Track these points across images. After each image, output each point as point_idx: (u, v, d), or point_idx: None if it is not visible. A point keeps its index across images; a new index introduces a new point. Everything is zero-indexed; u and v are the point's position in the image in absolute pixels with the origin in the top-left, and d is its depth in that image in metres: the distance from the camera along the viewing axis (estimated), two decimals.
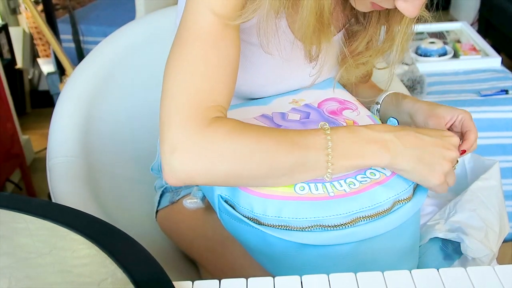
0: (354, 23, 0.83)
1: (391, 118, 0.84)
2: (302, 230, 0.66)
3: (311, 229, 0.66)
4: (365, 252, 0.66)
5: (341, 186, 0.67)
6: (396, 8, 0.68)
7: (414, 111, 0.82)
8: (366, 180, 0.68)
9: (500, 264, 0.63)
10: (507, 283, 0.55)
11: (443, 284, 0.54)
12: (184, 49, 0.65)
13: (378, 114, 0.89)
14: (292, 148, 0.63)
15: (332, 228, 0.65)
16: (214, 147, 0.61)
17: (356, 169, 0.66)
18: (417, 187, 0.71)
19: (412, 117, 0.82)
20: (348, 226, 0.65)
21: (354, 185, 0.67)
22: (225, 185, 0.68)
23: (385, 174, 0.69)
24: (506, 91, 1.59)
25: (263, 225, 0.67)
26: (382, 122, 0.86)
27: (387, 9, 0.73)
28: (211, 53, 0.64)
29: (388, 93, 0.88)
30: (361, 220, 0.66)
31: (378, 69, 0.89)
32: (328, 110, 0.80)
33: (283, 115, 0.78)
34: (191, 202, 0.80)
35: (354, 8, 0.76)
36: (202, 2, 0.65)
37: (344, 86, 0.92)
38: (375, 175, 0.69)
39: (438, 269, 0.56)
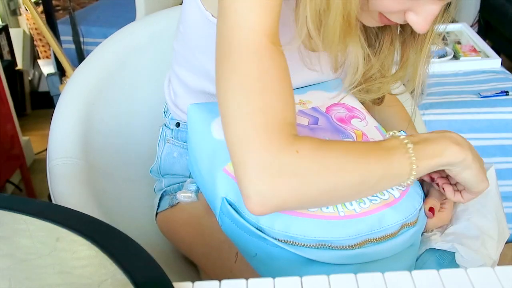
0: (366, 46, 0.82)
1: (402, 133, 0.83)
2: (309, 247, 0.66)
3: (318, 247, 0.65)
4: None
5: (352, 205, 0.66)
6: (410, 31, 0.68)
7: None
8: (376, 200, 0.68)
9: (500, 265, 0.63)
10: (507, 284, 0.55)
11: (443, 285, 0.54)
12: (238, 67, 0.60)
13: None
14: (379, 155, 0.62)
15: (340, 249, 0.65)
16: (306, 165, 0.58)
17: (437, 168, 0.66)
18: (420, 211, 0.71)
19: None
20: (356, 247, 0.65)
21: (365, 204, 0.66)
22: (317, 206, 0.65)
23: (394, 196, 0.69)
24: (506, 92, 1.59)
25: (269, 237, 0.67)
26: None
27: (400, 31, 0.72)
28: (270, 67, 0.60)
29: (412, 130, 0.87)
30: (369, 243, 0.66)
31: (395, 94, 0.88)
32: (336, 117, 0.79)
33: None
34: (185, 196, 0.79)
35: (367, 30, 0.76)
36: (246, 21, 0.60)
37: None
38: (384, 195, 0.68)
39: (438, 270, 0.56)
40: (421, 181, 0.77)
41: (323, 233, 0.64)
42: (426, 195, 0.76)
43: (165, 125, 0.95)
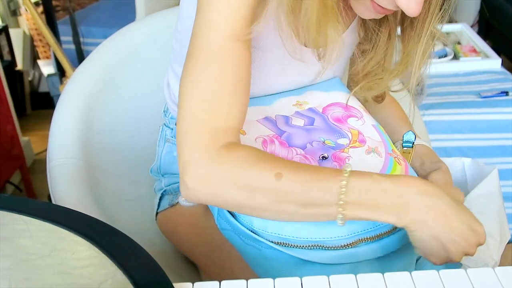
0: (364, 40, 0.82)
1: (410, 132, 0.83)
2: (302, 248, 0.66)
3: (311, 248, 0.66)
4: (363, 272, 0.66)
5: None
6: (409, 21, 0.68)
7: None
8: None
9: (501, 266, 0.63)
10: (507, 284, 0.55)
11: (443, 285, 0.54)
12: (195, 69, 0.64)
13: (400, 148, 0.85)
14: (304, 190, 0.60)
15: (333, 249, 0.65)
16: (223, 175, 0.61)
17: (369, 220, 0.62)
18: None
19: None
20: (348, 247, 0.65)
21: None
22: (230, 210, 0.68)
23: None
24: (506, 93, 1.59)
25: (262, 239, 0.67)
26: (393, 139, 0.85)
27: (398, 25, 0.72)
28: (222, 73, 0.63)
29: (424, 143, 0.85)
30: (363, 242, 0.66)
31: (393, 91, 0.88)
32: (333, 117, 0.79)
33: (286, 120, 0.77)
34: (186, 200, 0.80)
35: (365, 23, 0.76)
36: (211, 20, 0.64)
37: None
38: None
39: (438, 271, 0.56)
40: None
41: (315, 234, 0.64)
42: None
43: (165, 124, 0.95)
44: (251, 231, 0.68)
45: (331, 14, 0.66)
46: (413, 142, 0.82)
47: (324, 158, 0.72)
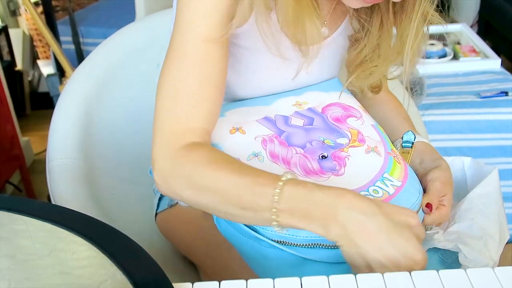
0: (356, 30, 0.83)
1: (410, 132, 0.82)
2: (303, 247, 0.66)
3: (311, 247, 0.66)
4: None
5: None
6: (400, 5, 0.67)
7: (430, 177, 0.78)
8: None
9: (500, 266, 0.63)
10: (507, 285, 0.55)
11: (443, 286, 0.54)
12: (167, 70, 0.68)
13: (400, 148, 0.84)
14: (242, 194, 0.62)
15: (332, 248, 0.64)
16: (179, 174, 0.65)
17: (302, 229, 0.61)
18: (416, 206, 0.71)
19: (423, 176, 0.79)
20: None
21: None
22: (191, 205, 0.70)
23: (388, 193, 0.69)
24: (505, 93, 1.59)
25: (263, 237, 0.67)
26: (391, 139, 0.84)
27: (390, 12, 0.72)
28: (189, 75, 0.67)
29: (424, 140, 0.84)
30: None
31: (390, 79, 0.87)
32: (332, 117, 0.79)
33: (286, 120, 0.77)
34: None
35: (357, 12, 0.76)
36: (186, 22, 0.67)
37: (359, 101, 0.91)
38: (378, 192, 0.68)
39: (438, 271, 0.56)
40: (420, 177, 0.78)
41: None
42: (424, 191, 0.76)
43: None
44: (252, 229, 0.68)
45: (306, 10, 0.67)
46: (413, 142, 0.82)
47: (324, 157, 0.72)
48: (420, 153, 0.83)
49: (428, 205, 0.74)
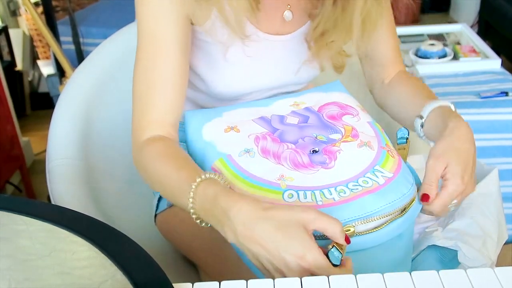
0: (312, 6, 0.83)
1: (403, 129, 0.80)
2: None
3: None
4: (355, 263, 0.66)
5: (331, 194, 0.66)
6: None
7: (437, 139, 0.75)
8: (357, 189, 0.67)
9: (500, 266, 0.63)
10: (507, 284, 0.55)
11: (443, 286, 0.54)
12: (135, 69, 0.77)
13: (422, 130, 0.82)
14: (175, 191, 0.70)
15: (319, 238, 0.64)
16: (140, 164, 0.76)
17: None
18: (414, 201, 0.71)
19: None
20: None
21: (345, 193, 0.66)
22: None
23: (378, 183, 0.68)
24: (506, 93, 1.59)
25: None
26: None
27: None
28: (152, 74, 0.75)
29: (435, 105, 0.80)
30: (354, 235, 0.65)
31: (348, 56, 0.87)
32: (327, 115, 0.79)
33: (281, 119, 0.78)
34: None
35: None
36: (143, 22, 0.77)
37: (372, 90, 0.91)
38: (367, 183, 0.68)
39: (438, 271, 0.56)
40: None
41: None
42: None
43: None
44: None
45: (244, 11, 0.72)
46: (407, 138, 0.80)
47: (314, 151, 0.72)
48: (434, 121, 0.79)
49: (424, 197, 0.71)
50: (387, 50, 0.91)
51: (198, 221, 0.67)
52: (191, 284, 0.57)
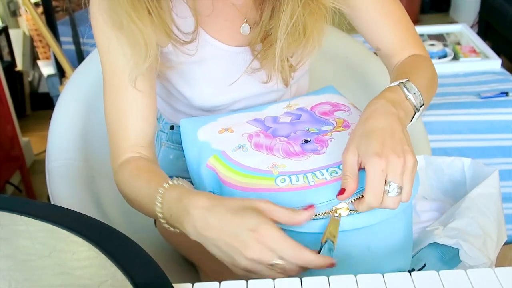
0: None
1: None
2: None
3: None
4: (354, 244, 0.66)
5: (323, 175, 0.67)
6: None
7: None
8: None
9: (500, 266, 0.63)
10: (507, 285, 0.55)
11: (443, 286, 0.54)
12: (104, 97, 0.79)
13: None
14: (144, 200, 0.72)
15: (318, 217, 0.64)
16: (119, 185, 0.79)
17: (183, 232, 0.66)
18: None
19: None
20: (330, 215, 0.64)
21: (336, 173, 0.67)
22: None
23: None
24: (506, 93, 1.59)
25: None
26: None
27: None
28: (116, 104, 0.78)
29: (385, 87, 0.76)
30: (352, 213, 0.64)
31: (294, 70, 0.84)
32: (320, 112, 0.81)
33: (275, 118, 0.81)
34: None
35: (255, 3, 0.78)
36: (103, 57, 0.78)
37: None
38: None
39: (438, 271, 0.56)
40: None
41: (294, 202, 0.64)
42: None
43: (160, 129, 0.95)
44: None
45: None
46: None
47: (306, 141, 0.74)
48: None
49: (339, 192, 0.64)
50: (388, 40, 0.87)
51: (167, 225, 0.69)
52: (191, 284, 0.57)
